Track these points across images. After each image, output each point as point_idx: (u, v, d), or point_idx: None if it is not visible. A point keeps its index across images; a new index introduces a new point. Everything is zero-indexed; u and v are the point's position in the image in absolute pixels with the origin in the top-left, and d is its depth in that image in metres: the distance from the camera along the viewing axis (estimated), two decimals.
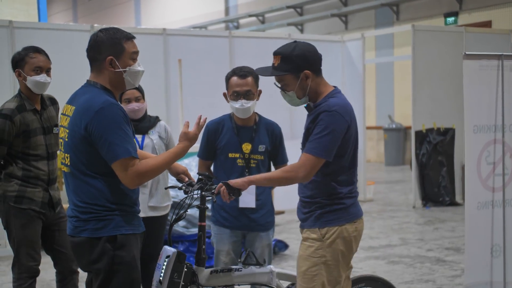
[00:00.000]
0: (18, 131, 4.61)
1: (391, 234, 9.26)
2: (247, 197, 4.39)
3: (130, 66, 3.40)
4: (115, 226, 3.31)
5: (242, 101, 4.40)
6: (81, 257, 3.39)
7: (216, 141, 4.53)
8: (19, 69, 4.67)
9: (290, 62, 3.61)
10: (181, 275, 3.59)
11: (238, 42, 11.59)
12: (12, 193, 4.66)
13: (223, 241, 4.53)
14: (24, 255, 4.69)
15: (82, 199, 3.32)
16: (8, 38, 9.33)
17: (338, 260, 3.63)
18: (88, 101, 3.28)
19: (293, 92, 3.64)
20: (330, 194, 3.62)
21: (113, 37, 3.37)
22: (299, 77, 3.61)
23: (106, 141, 3.20)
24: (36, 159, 4.66)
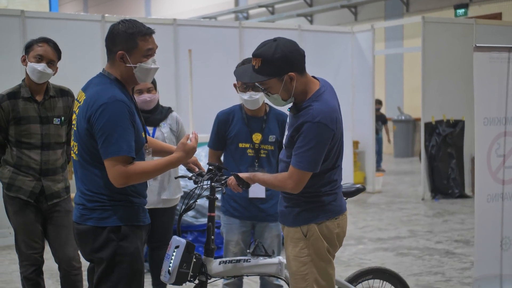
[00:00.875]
0: (8, 117, 4.60)
1: (399, 226, 9.25)
2: (257, 187, 4.38)
3: (141, 63, 3.37)
4: (120, 216, 3.31)
5: (250, 93, 4.39)
6: (85, 245, 3.40)
7: (227, 131, 4.53)
8: (26, 55, 4.67)
9: (271, 65, 3.42)
10: (190, 266, 3.59)
11: (248, 32, 11.56)
12: (5, 180, 4.66)
13: (232, 231, 4.54)
14: (22, 242, 4.68)
15: (89, 188, 3.33)
16: (20, 27, 9.35)
17: (325, 256, 3.60)
18: (96, 94, 3.28)
19: (278, 95, 3.49)
20: (307, 192, 3.55)
21: (128, 32, 3.33)
22: (283, 79, 3.44)
23: (102, 137, 3.20)
24: (29, 148, 4.63)
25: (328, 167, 3.57)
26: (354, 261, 7.21)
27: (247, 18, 25.57)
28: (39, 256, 4.74)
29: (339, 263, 7.10)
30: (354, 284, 4.27)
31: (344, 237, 3.74)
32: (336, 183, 3.66)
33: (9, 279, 6.71)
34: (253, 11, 25.58)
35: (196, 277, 3.66)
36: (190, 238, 6.98)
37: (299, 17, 23.00)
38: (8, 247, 8.09)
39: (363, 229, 9.05)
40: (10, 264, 7.33)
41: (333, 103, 3.55)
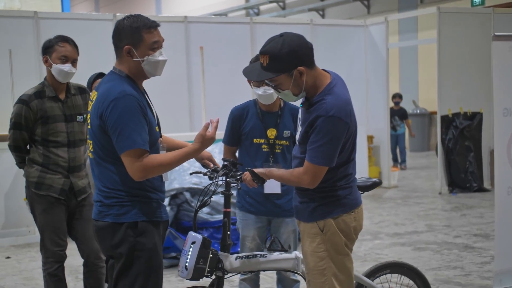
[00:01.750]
0: (35, 116, 4.66)
1: (417, 220, 9.19)
2: (272, 183, 4.35)
3: (148, 56, 3.35)
4: (136, 212, 3.31)
5: (264, 87, 4.36)
6: (104, 241, 3.41)
7: (241, 127, 4.50)
8: (47, 55, 4.71)
9: (280, 61, 3.36)
10: (207, 261, 3.57)
11: (260, 28, 11.54)
12: (33, 179, 4.71)
13: (248, 227, 4.52)
14: (48, 240, 4.74)
15: (105, 185, 3.33)
16: (34, 28, 9.43)
17: (343, 250, 3.56)
18: (107, 91, 3.28)
19: (289, 90, 3.43)
20: (322, 187, 3.51)
21: (133, 26, 3.33)
22: (293, 75, 3.38)
23: (116, 132, 3.20)
24: (56, 146, 4.69)
25: (342, 160, 3.52)
26: (370, 256, 7.16)
27: (258, 14, 25.56)
28: (63, 253, 4.80)
29: (356, 258, 7.06)
30: (372, 278, 4.22)
31: (361, 230, 3.69)
32: (351, 176, 3.61)
33: (30, 276, 6.79)
34: (264, 7, 25.55)
35: (213, 273, 3.64)
36: (205, 234, 6.97)
37: (310, 11, 22.93)
38: (28, 245, 8.23)
39: (379, 224, 8.99)
40: (30, 261, 7.43)
41: (346, 96, 3.50)
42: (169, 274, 6.49)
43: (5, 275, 6.84)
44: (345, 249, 3.57)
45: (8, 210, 8.46)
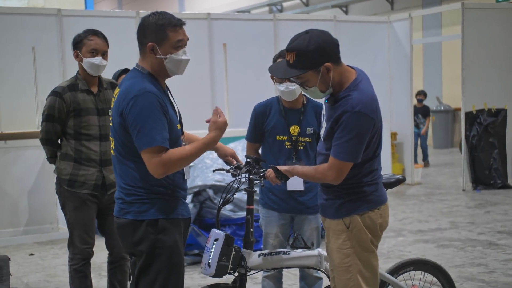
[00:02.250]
0: (68, 108, 4.70)
1: (440, 217, 9.14)
2: (296, 180, 4.35)
3: (171, 54, 3.35)
4: (157, 210, 3.31)
5: (287, 84, 4.35)
6: (124, 238, 3.42)
7: (264, 123, 4.50)
8: (77, 50, 4.78)
9: (306, 58, 3.34)
10: (230, 258, 3.58)
11: (283, 25, 11.51)
12: (65, 177, 4.75)
13: (271, 224, 4.52)
14: (77, 237, 4.78)
15: (126, 182, 3.34)
16: (57, 26, 9.50)
17: (369, 247, 3.55)
18: (127, 88, 3.29)
19: (316, 87, 3.42)
20: (348, 183, 3.50)
21: (158, 23, 3.32)
22: (320, 71, 3.37)
23: (136, 129, 3.20)
24: (88, 139, 4.73)
25: (368, 156, 3.51)
26: (394, 253, 7.14)
27: (281, 10, 25.52)
28: (91, 251, 4.85)
29: (379, 255, 6.96)
30: (395, 276, 4.21)
31: (387, 227, 3.68)
32: (377, 172, 3.60)
33: (53, 273, 6.83)
34: (287, 4, 25.49)
35: (236, 270, 3.65)
36: (228, 231, 6.97)
37: (334, 8, 22.85)
38: (51, 242, 8.28)
39: (403, 221, 8.96)
40: (54, 258, 7.47)
41: (371, 92, 3.49)
42: (192, 271, 6.52)
43: (28, 272, 6.89)
44: (371, 246, 3.56)
45: (31, 207, 8.53)
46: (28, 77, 9.13)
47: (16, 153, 8.47)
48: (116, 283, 4.98)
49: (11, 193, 8.43)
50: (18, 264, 7.18)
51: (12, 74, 9.23)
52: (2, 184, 8.37)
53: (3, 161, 8.39)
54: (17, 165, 8.46)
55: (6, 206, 8.39)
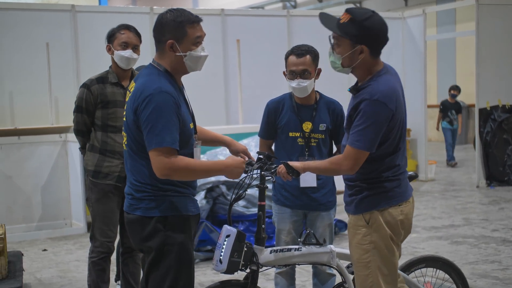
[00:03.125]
0: (96, 100, 4.80)
1: (454, 214, 9.10)
2: (308, 176, 4.34)
3: (191, 51, 3.35)
4: (166, 207, 3.31)
5: (298, 80, 4.34)
6: (134, 234, 3.42)
7: (277, 120, 4.49)
8: (110, 44, 4.87)
9: (355, 28, 3.37)
10: (241, 255, 3.57)
11: (296, 21, 11.51)
12: (91, 167, 4.85)
13: (284, 221, 4.51)
14: (98, 230, 4.83)
15: (136, 178, 3.35)
16: (71, 22, 9.54)
17: (388, 243, 3.52)
18: (143, 85, 3.28)
19: (340, 56, 3.44)
20: (369, 178, 3.49)
21: (177, 20, 3.32)
22: (355, 47, 3.39)
23: (147, 128, 3.20)
24: (115, 131, 4.80)
25: (388, 150, 3.49)
26: (407, 250, 7.11)
27: (295, 6, 25.46)
28: (111, 245, 4.88)
29: None
30: (407, 273, 4.19)
31: (411, 224, 3.65)
32: (399, 168, 3.56)
33: (66, 269, 6.85)
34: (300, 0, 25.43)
35: (248, 266, 3.64)
36: (241, 228, 7.00)
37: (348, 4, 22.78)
38: (64, 238, 8.31)
39: (416, 218, 8.92)
40: (67, 254, 7.50)
41: (393, 84, 3.47)
42: (205, 267, 6.54)
43: (41, 268, 6.92)
44: (390, 243, 3.53)
45: (45, 203, 8.57)
46: (42, 73, 9.20)
47: (30, 149, 8.50)
48: (129, 276, 4.99)
49: (25, 188, 8.46)
50: (31, 260, 7.21)
51: (26, 70, 9.29)
52: (16, 180, 8.42)
53: (16, 157, 8.43)
54: (31, 160, 8.49)
55: (19, 202, 8.44)
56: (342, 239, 7.67)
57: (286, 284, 4.56)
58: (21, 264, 5.68)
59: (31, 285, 6.25)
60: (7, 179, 8.37)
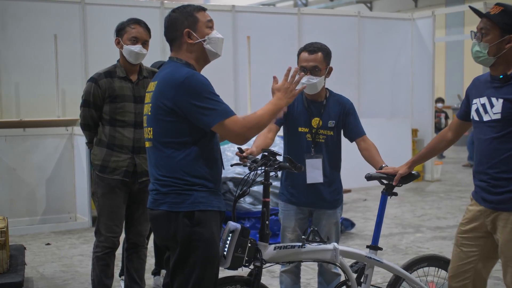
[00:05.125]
0: (104, 94, 4.76)
1: (459, 214, 9.08)
2: (315, 173, 4.33)
3: (208, 35, 3.37)
4: (193, 201, 3.27)
5: (308, 77, 4.32)
6: (159, 230, 3.38)
7: (289, 109, 4.44)
8: (119, 37, 4.84)
9: (508, 18, 3.53)
10: (245, 250, 3.55)
11: (307, 19, 11.50)
12: (98, 162, 4.81)
13: (289, 218, 4.49)
14: (103, 224, 4.79)
15: (163, 173, 3.30)
16: (80, 14, 9.55)
17: None
18: (170, 75, 3.27)
19: (488, 45, 3.56)
20: None
21: (184, 11, 3.35)
22: (503, 36, 3.54)
23: (199, 109, 3.18)
24: (123, 125, 4.77)
25: None
26: (412, 249, 7.11)
27: (306, 4, 25.44)
28: (116, 240, 4.85)
29: (397, 251, 7.02)
30: (410, 271, 4.20)
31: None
32: None
33: (70, 263, 6.81)
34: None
35: (251, 262, 3.63)
36: (247, 224, 6.99)
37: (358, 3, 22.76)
38: (68, 232, 8.28)
39: (421, 218, 8.92)
40: (70, 248, 7.46)
41: None
42: None
43: (44, 262, 6.85)
44: None
45: (49, 196, 8.53)
46: (49, 65, 9.20)
47: (35, 141, 8.46)
48: (133, 272, 4.97)
49: (29, 181, 8.43)
50: (34, 254, 7.15)
51: (33, 61, 9.29)
52: (20, 172, 8.38)
53: (21, 149, 8.39)
54: (36, 153, 8.46)
55: (23, 195, 8.40)
56: (348, 238, 7.66)
57: (291, 282, 4.54)
58: (23, 258, 5.62)
59: (33, 279, 6.19)
60: (11, 171, 8.33)
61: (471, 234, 3.80)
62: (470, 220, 3.80)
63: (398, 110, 12.67)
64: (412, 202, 10.17)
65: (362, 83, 12.15)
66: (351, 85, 11.82)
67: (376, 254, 4.07)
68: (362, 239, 7.56)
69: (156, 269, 5.86)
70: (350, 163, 6.46)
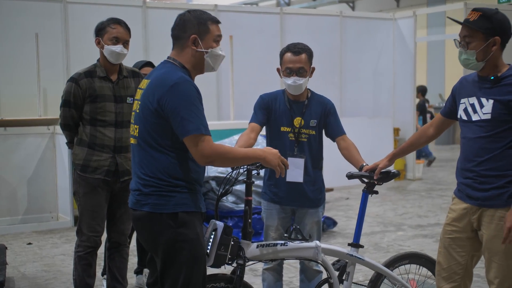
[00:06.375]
0: (84, 94, 4.76)
1: (439, 213, 9.17)
2: (295, 172, 4.36)
3: (212, 48, 3.39)
4: (176, 203, 3.27)
5: (294, 78, 4.36)
6: (142, 231, 3.38)
7: (271, 112, 4.46)
8: (99, 37, 4.83)
9: (488, 22, 3.58)
10: (228, 248, 3.57)
11: (290, 18, 11.54)
12: (79, 161, 4.80)
13: (272, 217, 4.52)
14: (85, 224, 4.79)
15: (146, 172, 3.30)
16: (62, 12, 9.51)
17: None
18: (163, 76, 3.27)
19: (474, 52, 3.61)
20: None
21: (200, 17, 3.37)
22: (488, 40, 3.59)
23: (178, 116, 3.17)
24: (103, 125, 4.77)
25: None
26: (393, 247, 7.16)
27: (288, 4, 25.49)
28: (98, 239, 4.85)
29: (378, 249, 7.07)
30: (391, 268, 4.26)
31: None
32: None
33: (51, 263, 6.79)
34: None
35: (234, 260, 3.65)
36: (230, 223, 7.01)
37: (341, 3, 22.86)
38: (50, 231, 8.24)
39: (403, 216, 8.99)
40: (52, 248, 7.44)
41: None
42: None
43: (26, 261, 6.82)
44: None
45: (30, 196, 8.48)
46: (30, 63, 9.12)
47: (16, 141, 8.42)
48: (115, 271, 4.98)
49: (10, 181, 8.38)
50: (15, 253, 7.12)
51: (14, 60, 9.23)
52: (1, 172, 8.33)
53: (2, 148, 8.34)
54: (17, 152, 8.41)
55: (4, 194, 8.35)
56: (330, 236, 7.70)
57: (273, 280, 4.58)
58: (5, 257, 5.56)
59: (15, 279, 6.13)
60: None
61: (459, 235, 3.83)
62: (456, 220, 3.84)
63: (380, 110, 12.75)
64: (393, 200, 10.25)
65: (344, 82, 12.22)
66: (333, 85, 11.87)
67: (357, 252, 4.11)
68: (344, 237, 7.60)
69: (138, 268, 5.87)
70: (332, 162, 6.50)
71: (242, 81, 10.69)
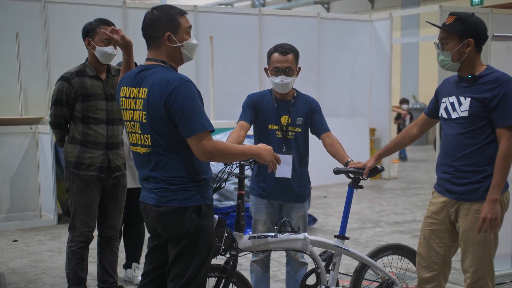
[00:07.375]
0: (76, 93, 4.86)
1: (415, 210, 9.41)
2: (284, 168, 4.51)
3: (186, 41, 3.49)
4: (200, 196, 3.41)
5: (282, 77, 4.52)
6: (168, 225, 3.44)
7: (259, 111, 4.63)
8: (89, 38, 4.92)
9: (462, 24, 3.82)
10: (222, 240, 3.74)
11: (268, 20, 11.66)
12: (72, 159, 4.90)
13: (260, 211, 4.68)
14: (78, 219, 4.91)
15: (169, 174, 3.39)
16: (42, 12, 9.51)
17: (500, 223, 3.85)
18: (163, 80, 3.33)
19: (450, 53, 3.85)
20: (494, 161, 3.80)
21: (168, 14, 3.45)
22: (462, 42, 3.81)
23: (183, 117, 3.27)
24: (96, 123, 4.89)
25: None
26: (372, 242, 7.36)
27: (263, 5, 25.60)
28: (91, 234, 4.98)
29: (358, 244, 7.26)
30: (375, 259, 4.48)
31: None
32: None
33: (39, 259, 6.87)
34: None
35: (228, 251, 3.82)
36: None
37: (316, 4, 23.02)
38: (35, 229, 8.29)
39: (380, 213, 9.22)
40: (39, 244, 7.50)
41: None
42: None
43: (13, 257, 6.90)
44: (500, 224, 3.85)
45: (14, 194, 8.53)
46: (11, 62, 9.14)
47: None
48: (106, 264, 5.12)
49: None
50: (2, 250, 7.19)
51: None
52: None
53: None
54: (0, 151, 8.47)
55: None
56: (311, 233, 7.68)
57: (261, 271, 4.75)
58: None
59: (5, 274, 6.25)
60: None
61: (438, 227, 4.07)
62: (435, 213, 4.07)
63: (356, 110, 12.94)
64: (370, 198, 10.47)
65: (322, 83, 12.38)
66: (311, 85, 12.01)
67: (343, 244, 4.29)
68: (324, 233, 7.77)
69: (127, 263, 5.99)
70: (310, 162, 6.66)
71: (222, 81, 10.79)
